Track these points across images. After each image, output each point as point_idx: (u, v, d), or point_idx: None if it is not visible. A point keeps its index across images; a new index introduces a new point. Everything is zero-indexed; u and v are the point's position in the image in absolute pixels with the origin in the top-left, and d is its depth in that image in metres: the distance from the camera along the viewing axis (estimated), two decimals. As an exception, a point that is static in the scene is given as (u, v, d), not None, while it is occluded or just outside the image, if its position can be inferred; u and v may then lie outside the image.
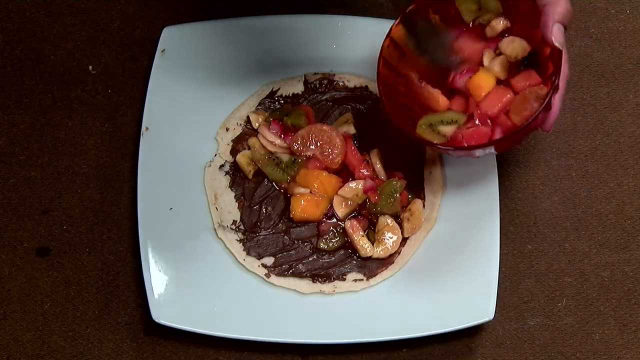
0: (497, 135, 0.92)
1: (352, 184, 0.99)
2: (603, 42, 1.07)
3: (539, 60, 0.93)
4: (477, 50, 0.95)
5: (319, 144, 1.00)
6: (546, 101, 0.87)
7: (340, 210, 0.99)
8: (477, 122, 0.92)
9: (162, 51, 1.02)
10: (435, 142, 0.92)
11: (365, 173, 1.00)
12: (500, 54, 0.94)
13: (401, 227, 0.99)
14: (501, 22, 0.94)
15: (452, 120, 0.93)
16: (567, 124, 1.05)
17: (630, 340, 0.99)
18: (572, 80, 1.06)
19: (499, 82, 0.94)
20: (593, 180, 1.03)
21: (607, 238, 1.02)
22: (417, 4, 0.93)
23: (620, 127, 1.05)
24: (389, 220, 0.99)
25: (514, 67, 0.94)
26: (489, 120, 0.92)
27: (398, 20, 0.93)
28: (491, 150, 0.92)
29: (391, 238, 0.99)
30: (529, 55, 0.93)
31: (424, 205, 1.00)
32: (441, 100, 0.94)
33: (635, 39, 1.08)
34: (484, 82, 0.93)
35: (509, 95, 0.92)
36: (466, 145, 0.91)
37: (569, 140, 1.05)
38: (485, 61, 0.94)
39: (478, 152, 0.91)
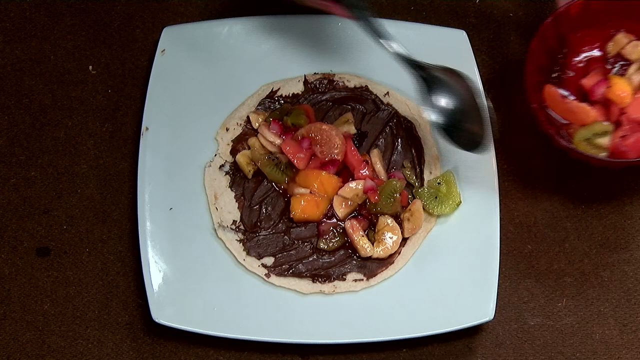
0: None
1: (352, 184, 0.99)
2: (603, 42, 1.07)
3: None
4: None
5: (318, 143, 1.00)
6: None
7: (340, 210, 0.99)
8: (626, 128, 0.94)
9: (162, 51, 1.02)
10: (599, 156, 0.94)
11: (365, 173, 1.00)
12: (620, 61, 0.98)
13: (401, 227, 0.99)
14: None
15: (604, 132, 0.94)
16: (567, 124, 1.05)
17: (630, 340, 0.99)
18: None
19: None
20: (593, 180, 1.03)
21: (607, 238, 1.02)
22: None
23: (620, 127, 1.05)
24: (389, 220, 0.99)
25: None
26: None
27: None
28: None
29: (391, 238, 0.98)
30: None
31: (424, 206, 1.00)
32: (591, 112, 0.95)
33: (635, 39, 1.08)
34: (625, 89, 0.95)
35: None
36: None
37: (569, 140, 1.05)
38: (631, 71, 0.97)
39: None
